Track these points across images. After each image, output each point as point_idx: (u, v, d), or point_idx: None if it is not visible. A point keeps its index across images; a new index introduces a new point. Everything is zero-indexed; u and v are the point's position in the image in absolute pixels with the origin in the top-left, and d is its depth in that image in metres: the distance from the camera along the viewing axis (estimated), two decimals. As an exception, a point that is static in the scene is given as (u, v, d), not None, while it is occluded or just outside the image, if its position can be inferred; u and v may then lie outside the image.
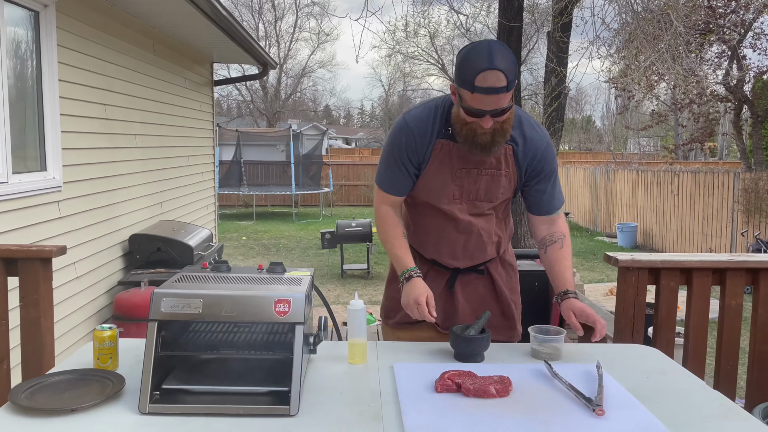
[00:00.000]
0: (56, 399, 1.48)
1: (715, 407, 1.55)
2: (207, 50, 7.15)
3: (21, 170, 3.62)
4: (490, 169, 1.93)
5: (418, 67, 24.70)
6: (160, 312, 1.49)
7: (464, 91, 1.75)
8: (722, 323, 2.51)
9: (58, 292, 3.91)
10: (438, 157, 1.93)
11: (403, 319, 2.09)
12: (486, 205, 1.98)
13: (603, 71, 8.88)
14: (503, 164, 1.93)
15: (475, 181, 1.94)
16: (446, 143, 1.91)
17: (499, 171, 1.94)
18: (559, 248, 2.00)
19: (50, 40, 3.86)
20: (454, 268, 2.07)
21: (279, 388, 1.50)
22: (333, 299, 7.36)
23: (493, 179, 1.94)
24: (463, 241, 2.01)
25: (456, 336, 1.81)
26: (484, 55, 1.70)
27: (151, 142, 5.66)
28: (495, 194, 1.96)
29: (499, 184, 1.95)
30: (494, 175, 1.94)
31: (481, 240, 2.01)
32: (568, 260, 2.00)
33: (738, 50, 11.63)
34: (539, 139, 1.95)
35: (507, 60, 1.71)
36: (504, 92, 1.71)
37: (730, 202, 9.76)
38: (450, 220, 1.99)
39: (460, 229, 1.99)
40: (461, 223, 1.98)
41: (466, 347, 1.80)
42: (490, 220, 2.02)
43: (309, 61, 32.37)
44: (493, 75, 1.69)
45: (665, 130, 26.18)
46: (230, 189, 16.61)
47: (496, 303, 2.07)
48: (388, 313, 2.19)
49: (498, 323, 2.07)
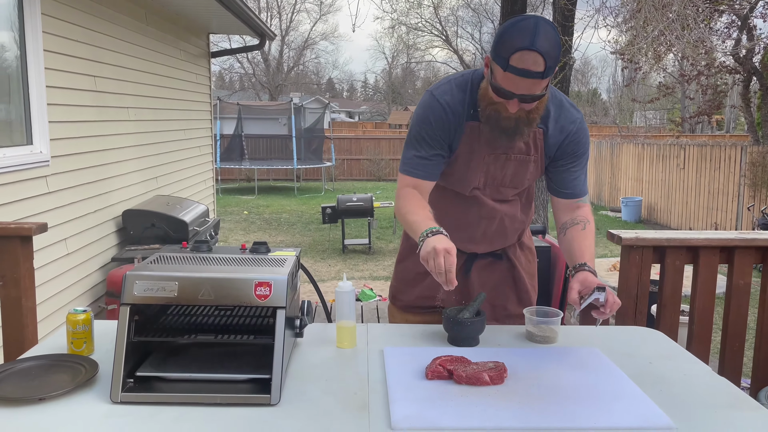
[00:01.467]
0: (24, 387, 1.40)
1: (722, 396, 1.46)
2: (203, 21, 6.97)
3: (6, 144, 3.51)
4: (519, 154, 1.79)
5: (422, 38, 24.40)
6: (132, 295, 1.40)
7: (497, 66, 1.59)
8: (729, 303, 2.42)
9: (48, 269, 3.84)
10: (468, 140, 1.77)
11: (413, 303, 2.00)
12: (511, 191, 1.86)
13: (609, 42, 8.66)
14: (532, 149, 1.79)
15: (503, 167, 1.81)
16: (476, 126, 1.75)
17: (528, 157, 1.80)
18: (581, 229, 1.84)
19: (34, 7, 3.72)
20: (471, 253, 1.96)
21: (260, 375, 1.41)
22: (333, 274, 7.31)
23: (521, 165, 1.81)
24: (484, 226, 1.89)
25: (449, 319, 1.72)
26: (526, 33, 1.53)
27: (145, 116, 5.54)
28: (521, 181, 1.84)
29: (527, 170, 1.82)
30: (522, 161, 1.80)
31: (503, 226, 1.90)
32: (590, 240, 1.82)
33: (748, 20, 11.34)
34: (572, 121, 1.80)
35: (551, 43, 1.54)
36: (539, 78, 1.55)
37: (736, 176, 9.61)
38: (473, 205, 1.87)
39: (482, 214, 1.86)
40: (484, 208, 1.86)
41: (460, 331, 1.71)
42: (515, 205, 1.91)
43: (311, 33, 31.97)
44: (531, 57, 1.52)
45: (672, 103, 25.85)
46: (232, 163, 16.51)
47: (512, 289, 1.96)
48: (395, 294, 2.09)
49: (513, 311, 1.96)
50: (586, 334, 1.83)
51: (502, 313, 1.96)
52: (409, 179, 1.81)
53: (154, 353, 1.53)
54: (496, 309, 1.96)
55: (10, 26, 3.63)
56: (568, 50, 6.46)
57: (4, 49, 3.60)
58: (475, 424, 1.27)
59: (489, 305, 1.94)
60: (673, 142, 11.86)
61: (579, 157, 1.84)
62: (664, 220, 11.51)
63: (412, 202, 1.77)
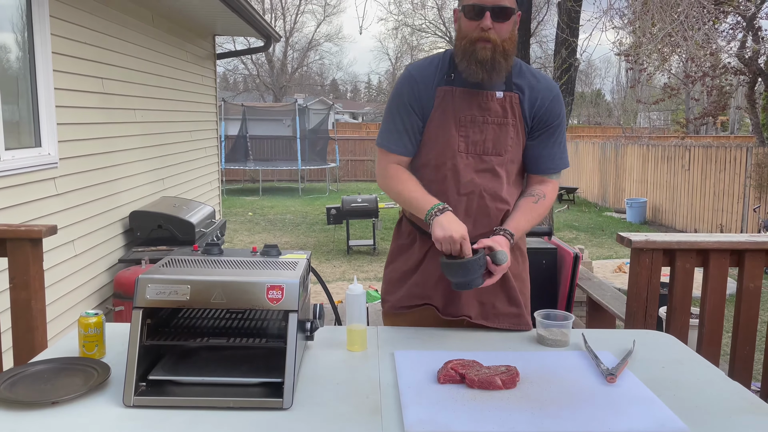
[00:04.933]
0: (37, 390, 1.40)
1: (736, 400, 1.45)
2: (208, 22, 6.98)
3: (14, 146, 3.52)
4: (496, 117, 1.84)
5: (426, 39, 24.38)
6: (145, 299, 1.41)
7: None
8: (739, 306, 2.40)
9: (56, 271, 3.84)
10: (441, 105, 1.85)
11: (400, 303, 1.98)
12: (495, 159, 1.86)
13: (616, 43, 8.64)
14: (509, 113, 1.85)
15: (481, 131, 1.84)
16: (449, 89, 1.85)
17: (506, 120, 1.85)
18: (532, 202, 1.90)
19: (42, 10, 3.73)
20: None
21: (272, 379, 1.41)
22: (339, 275, 7.30)
23: (501, 129, 1.85)
24: (464, 204, 1.87)
25: (448, 264, 1.70)
26: None
27: (152, 117, 5.55)
28: (503, 146, 1.86)
29: (507, 134, 1.86)
30: (501, 124, 1.85)
31: (484, 203, 1.87)
32: (532, 214, 1.88)
33: (754, 21, 11.30)
34: (546, 88, 1.89)
35: None
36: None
37: (742, 178, 9.58)
38: (450, 182, 1.86)
39: (461, 191, 1.86)
40: (462, 183, 1.85)
41: (465, 274, 1.68)
42: (497, 180, 1.88)
43: (315, 34, 31.99)
44: None
45: (676, 104, 25.77)
46: (236, 164, 16.53)
47: (501, 288, 1.93)
48: (384, 296, 2.06)
49: (504, 310, 1.94)
50: (598, 337, 1.83)
51: (491, 311, 1.92)
52: (388, 156, 1.91)
53: (166, 356, 1.53)
54: (485, 307, 1.91)
55: (19, 29, 3.64)
56: (573, 51, 6.46)
57: (13, 52, 3.61)
58: (489, 428, 1.27)
59: (477, 302, 1.90)
60: (678, 144, 11.83)
61: (555, 128, 1.90)
62: (669, 222, 11.48)
63: (404, 177, 1.88)
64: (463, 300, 1.90)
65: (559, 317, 1.78)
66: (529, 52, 6.47)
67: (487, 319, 1.92)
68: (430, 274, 1.93)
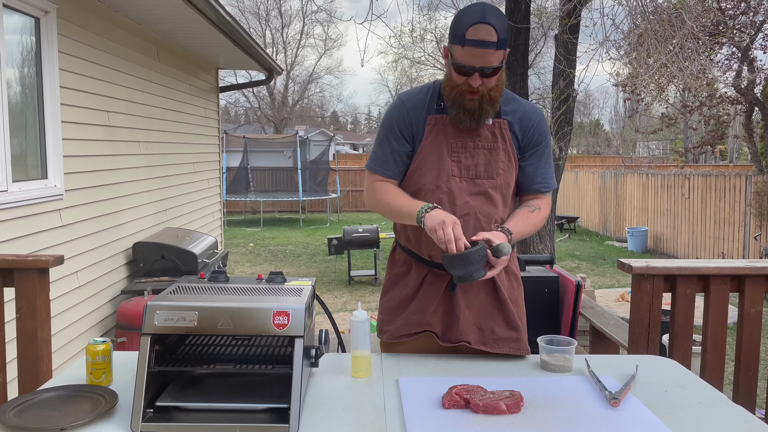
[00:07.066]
0: (46, 417, 1.42)
1: (738, 424, 1.46)
2: (212, 56, 7.12)
3: (21, 178, 3.57)
4: (486, 142, 1.90)
5: (425, 71, 24.64)
6: (153, 325, 1.43)
7: (455, 46, 1.78)
8: (741, 332, 2.41)
9: (60, 302, 3.86)
10: (432, 133, 1.91)
11: (399, 331, 1.98)
12: (487, 182, 1.91)
13: (613, 74, 8.77)
14: (499, 138, 1.91)
15: (473, 156, 1.90)
16: (439, 117, 1.91)
17: (496, 144, 1.91)
18: (529, 211, 1.96)
19: (51, 46, 3.83)
20: None
21: (278, 404, 1.43)
22: (340, 306, 7.29)
23: (491, 153, 1.91)
24: (460, 226, 1.86)
25: (449, 256, 1.71)
26: (476, 11, 1.74)
27: (156, 149, 5.62)
28: (495, 170, 1.91)
29: (498, 158, 1.91)
30: (491, 148, 1.91)
31: (480, 226, 1.89)
32: (529, 222, 1.93)
33: (749, 52, 11.49)
34: (532, 111, 1.97)
35: (500, 19, 1.74)
36: (494, 48, 1.74)
37: (742, 206, 9.62)
38: (446, 205, 1.88)
39: (456, 213, 1.87)
40: (458, 205, 1.88)
41: (465, 266, 1.70)
42: (491, 203, 1.91)
43: (316, 67, 32.42)
44: (484, 29, 1.72)
45: (675, 134, 25.98)
46: (237, 195, 16.60)
47: (499, 312, 1.94)
48: (381, 327, 2.04)
49: (503, 335, 1.94)
50: (601, 363, 1.84)
51: (490, 336, 1.92)
52: (377, 177, 1.98)
53: (173, 383, 1.54)
54: (484, 332, 1.92)
55: (28, 64, 3.72)
56: (571, 82, 6.56)
57: (22, 86, 3.68)
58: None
59: (476, 328, 1.91)
60: (678, 172, 11.90)
61: (544, 148, 1.97)
62: (670, 250, 11.48)
63: (390, 189, 1.95)
64: (462, 326, 1.91)
65: (562, 342, 1.79)
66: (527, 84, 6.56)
67: (486, 344, 1.91)
68: (428, 300, 1.94)
